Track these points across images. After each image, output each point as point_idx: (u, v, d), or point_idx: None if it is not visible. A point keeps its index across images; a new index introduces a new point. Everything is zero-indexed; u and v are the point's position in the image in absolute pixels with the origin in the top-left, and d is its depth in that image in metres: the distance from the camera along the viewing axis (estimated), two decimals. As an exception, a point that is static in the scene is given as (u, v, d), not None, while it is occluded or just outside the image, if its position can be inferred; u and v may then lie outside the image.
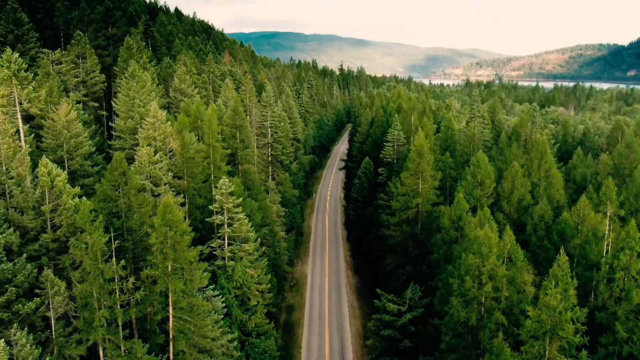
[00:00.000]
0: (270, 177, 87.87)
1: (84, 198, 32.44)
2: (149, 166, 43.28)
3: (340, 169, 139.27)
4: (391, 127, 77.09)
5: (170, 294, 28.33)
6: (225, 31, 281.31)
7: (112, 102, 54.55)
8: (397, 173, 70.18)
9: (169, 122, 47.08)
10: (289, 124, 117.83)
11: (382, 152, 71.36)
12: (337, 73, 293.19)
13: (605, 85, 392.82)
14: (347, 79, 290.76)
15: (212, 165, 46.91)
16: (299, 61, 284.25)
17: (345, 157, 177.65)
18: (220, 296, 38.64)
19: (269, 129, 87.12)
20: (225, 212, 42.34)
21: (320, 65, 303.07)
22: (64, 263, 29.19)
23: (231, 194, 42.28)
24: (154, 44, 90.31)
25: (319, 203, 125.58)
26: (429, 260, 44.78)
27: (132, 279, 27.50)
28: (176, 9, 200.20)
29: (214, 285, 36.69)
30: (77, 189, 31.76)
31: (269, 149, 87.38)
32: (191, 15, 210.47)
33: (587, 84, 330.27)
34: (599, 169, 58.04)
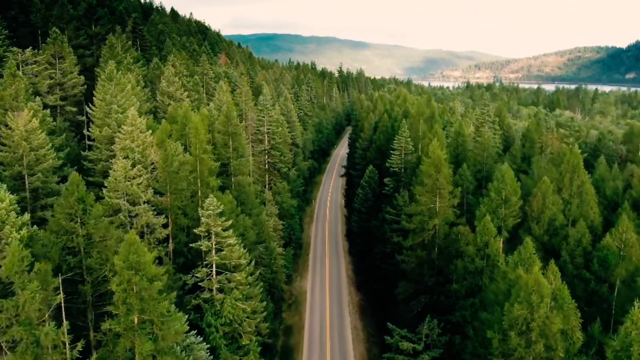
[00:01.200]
0: (267, 186, 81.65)
1: (35, 227, 26.22)
2: (125, 182, 37.08)
3: (341, 176, 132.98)
4: (397, 133, 70.96)
5: (136, 355, 22.22)
6: (224, 33, 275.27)
7: (88, 107, 48.29)
8: (406, 184, 64.07)
9: (151, 131, 40.86)
10: (287, 128, 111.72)
11: (389, 160, 65.18)
12: (336, 75, 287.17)
13: (604, 88, 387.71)
14: (347, 81, 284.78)
15: (199, 180, 40.71)
16: (298, 63, 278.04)
17: (345, 162, 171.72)
18: (206, 339, 32.44)
19: (266, 135, 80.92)
20: (213, 237, 36.11)
21: (318, 67, 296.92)
22: None
23: (220, 214, 36.04)
24: (143, 44, 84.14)
25: (318, 210, 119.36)
26: (449, 290, 38.67)
27: (80, 344, 21.24)
28: (172, 10, 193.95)
29: (195, 332, 30.41)
30: (27, 217, 25.49)
31: (266, 156, 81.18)
32: (188, 16, 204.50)
33: (591, 87, 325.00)
34: (632, 181, 51.95)
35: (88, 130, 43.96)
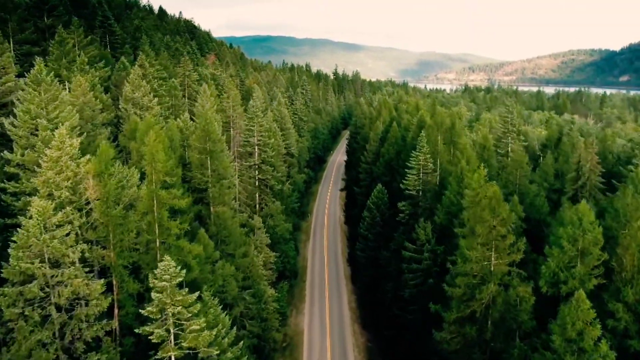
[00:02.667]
0: (257, 206, 69.49)
1: None
2: (42, 235, 24.92)
3: (341, 190, 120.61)
4: (409, 146, 59.11)
5: None
6: (218, 35, 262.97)
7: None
8: (426, 211, 52.20)
9: (88, 156, 28.67)
10: (281, 135, 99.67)
11: (404, 181, 53.13)
12: (332, 77, 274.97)
13: (599, 91, 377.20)
14: (342, 83, 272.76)
15: (156, 226, 28.65)
16: (292, 64, 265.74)
17: (342, 169, 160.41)
18: None
19: (256, 147, 68.78)
20: (170, 319, 24.06)
21: (312, 69, 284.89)
22: None
23: (179, 286, 24.02)
24: (113, 41, 71.79)
25: (315, 227, 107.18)
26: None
27: None
28: (160, 8, 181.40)
29: None
30: None
31: (256, 172, 69.07)
32: (177, 16, 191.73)
33: (595, 90, 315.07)
34: None
35: (5, 152, 31.57)
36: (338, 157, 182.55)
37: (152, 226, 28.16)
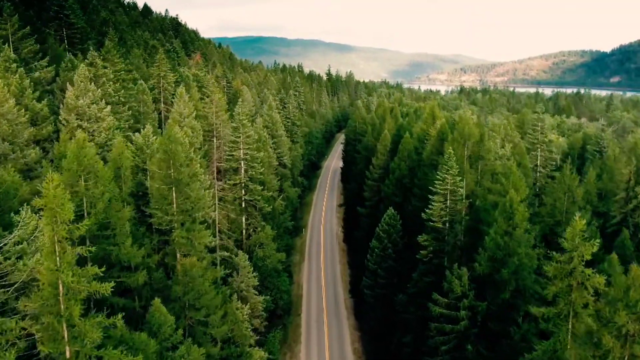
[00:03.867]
0: (243, 232, 57.87)
1: None
2: None
3: (340, 205, 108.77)
4: (434, 166, 47.75)
5: None
6: (210, 35, 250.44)
7: None
8: (456, 249, 40.93)
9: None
10: (272, 144, 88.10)
11: (428, 210, 41.66)
12: (325, 78, 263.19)
13: (597, 92, 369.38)
14: (336, 84, 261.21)
15: (63, 328, 17.02)
16: (284, 65, 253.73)
17: (339, 174, 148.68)
18: None
19: (242, 162, 57.17)
20: None
21: (305, 70, 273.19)
22: None
23: None
24: (71, 36, 59.85)
25: (310, 244, 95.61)
26: None
27: None
28: (145, 5, 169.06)
29: None
30: None
31: (242, 191, 57.44)
32: (167, 14, 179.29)
33: (595, 91, 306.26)
34: None
35: None
36: (333, 162, 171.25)
37: (55, 329, 16.58)
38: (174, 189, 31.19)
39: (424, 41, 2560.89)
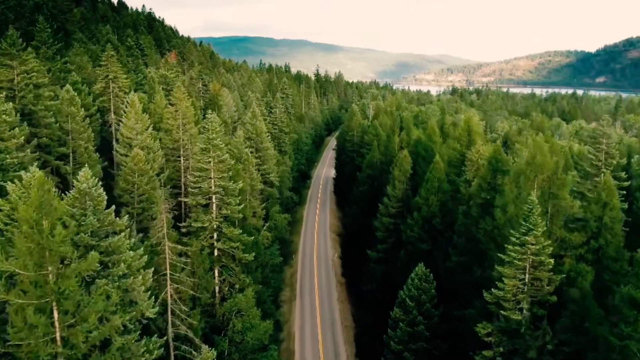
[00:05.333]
0: (217, 293, 42.22)
1: None
2: None
3: (339, 235, 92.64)
4: (482, 205, 32.57)
5: None
6: (195, 35, 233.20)
7: None
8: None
9: None
10: (256, 158, 72.45)
11: (494, 291, 26.48)
12: (314, 79, 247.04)
13: (575, 91, 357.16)
14: (325, 85, 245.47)
15: None
16: (270, 65, 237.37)
17: (331, 184, 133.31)
18: None
19: (214, 198, 41.43)
20: None
21: (292, 70, 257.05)
22: None
23: None
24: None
25: (302, 276, 79.89)
26: None
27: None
28: (119, 1, 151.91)
29: None
30: None
31: (214, 238, 41.69)
32: (140, 9, 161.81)
33: (595, 92, 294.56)
34: None
35: None
36: (324, 169, 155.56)
37: None
38: (53, 303, 15.54)
39: (410, 41, 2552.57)
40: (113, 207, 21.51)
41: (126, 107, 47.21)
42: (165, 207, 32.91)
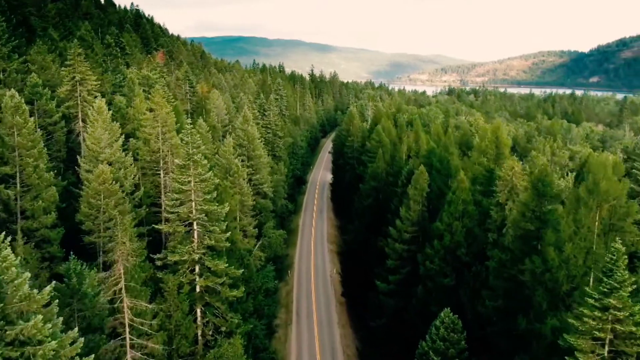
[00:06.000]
0: (199, 337, 35.18)
1: None
2: None
3: (337, 245, 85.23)
4: (523, 248, 25.76)
5: None
6: (189, 35, 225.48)
7: None
8: None
9: None
10: (247, 167, 65.44)
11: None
12: (308, 79, 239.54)
13: (574, 91, 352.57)
14: (321, 86, 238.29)
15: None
16: (264, 65, 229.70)
17: (327, 190, 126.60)
18: None
19: (196, 223, 34.33)
20: None
21: (287, 70, 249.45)
22: None
23: None
24: None
25: (299, 295, 72.84)
26: None
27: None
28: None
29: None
30: None
31: (195, 272, 34.61)
32: (129, 7, 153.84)
33: (595, 92, 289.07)
34: None
35: None
36: (320, 173, 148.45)
37: None
38: None
39: (404, 41, 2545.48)
40: (27, 274, 14.49)
41: (92, 114, 39.97)
42: (122, 252, 25.74)
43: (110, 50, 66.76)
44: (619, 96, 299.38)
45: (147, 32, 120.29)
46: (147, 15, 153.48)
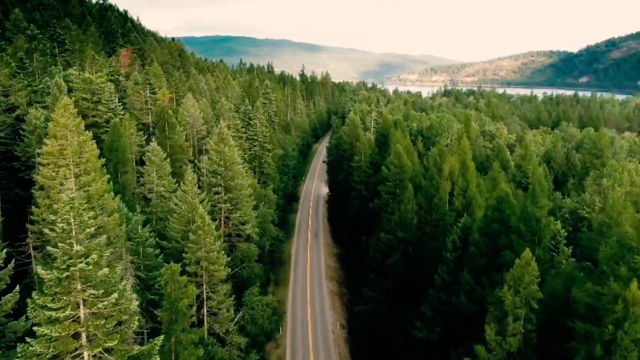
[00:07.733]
0: None
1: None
2: None
3: (339, 283, 67.41)
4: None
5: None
6: (176, 35, 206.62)
7: None
8: None
9: None
10: (225, 203, 47.70)
11: None
12: (299, 80, 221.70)
13: (576, 92, 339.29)
14: (312, 87, 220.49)
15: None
16: (251, 65, 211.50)
17: (322, 205, 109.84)
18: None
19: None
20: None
21: (276, 71, 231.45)
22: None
23: None
24: None
25: (293, 330, 56.03)
26: None
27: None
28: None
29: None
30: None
31: None
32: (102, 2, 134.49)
33: (604, 95, 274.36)
34: None
35: None
36: (313, 185, 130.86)
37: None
38: None
39: (393, 41, 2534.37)
40: None
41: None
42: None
43: (35, 45, 48.33)
44: (619, 97, 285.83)
45: (112, 27, 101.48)
46: (120, 10, 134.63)
